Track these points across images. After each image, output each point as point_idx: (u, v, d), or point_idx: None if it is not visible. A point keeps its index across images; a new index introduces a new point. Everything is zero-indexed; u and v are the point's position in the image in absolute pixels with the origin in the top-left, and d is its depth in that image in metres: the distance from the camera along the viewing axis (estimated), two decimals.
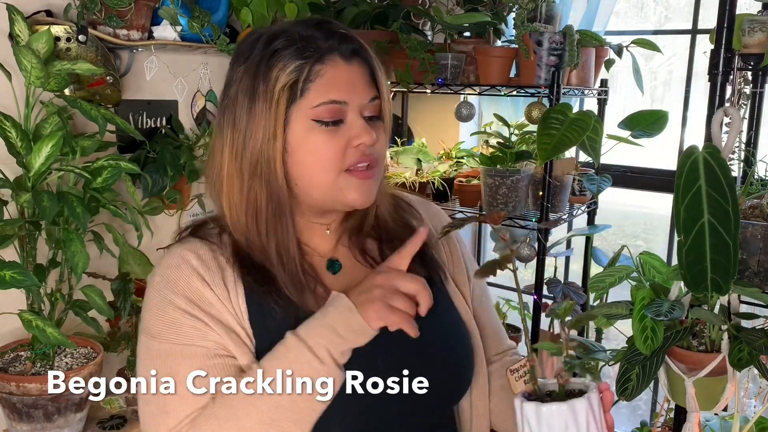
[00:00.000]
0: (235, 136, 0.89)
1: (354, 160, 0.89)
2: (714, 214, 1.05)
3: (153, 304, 0.90)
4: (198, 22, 1.82)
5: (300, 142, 0.89)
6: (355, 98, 0.89)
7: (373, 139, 0.89)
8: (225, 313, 0.89)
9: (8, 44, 1.53)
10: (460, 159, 2.39)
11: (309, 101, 0.88)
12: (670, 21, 2.79)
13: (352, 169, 0.90)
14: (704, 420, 1.40)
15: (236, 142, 0.89)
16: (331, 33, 0.90)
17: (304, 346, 0.84)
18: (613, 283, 1.38)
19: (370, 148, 0.90)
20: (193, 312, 0.88)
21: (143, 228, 1.62)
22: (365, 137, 0.89)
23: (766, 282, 1.40)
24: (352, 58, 0.90)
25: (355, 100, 0.89)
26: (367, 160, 0.90)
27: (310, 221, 0.97)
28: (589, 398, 0.78)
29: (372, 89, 0.91)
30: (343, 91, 0.88)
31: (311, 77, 0.87)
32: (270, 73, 0.87)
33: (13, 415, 1.47)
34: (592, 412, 0.77)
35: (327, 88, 0.88)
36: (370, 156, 0.91)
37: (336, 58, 0.88)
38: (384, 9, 2.12)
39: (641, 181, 2.42)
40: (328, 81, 0.88)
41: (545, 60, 1.90)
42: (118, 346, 1.69)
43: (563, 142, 1.40)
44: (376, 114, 0.92)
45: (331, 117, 0.88)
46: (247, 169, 0.89)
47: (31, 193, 1.40)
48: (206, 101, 2.09)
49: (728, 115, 1.24)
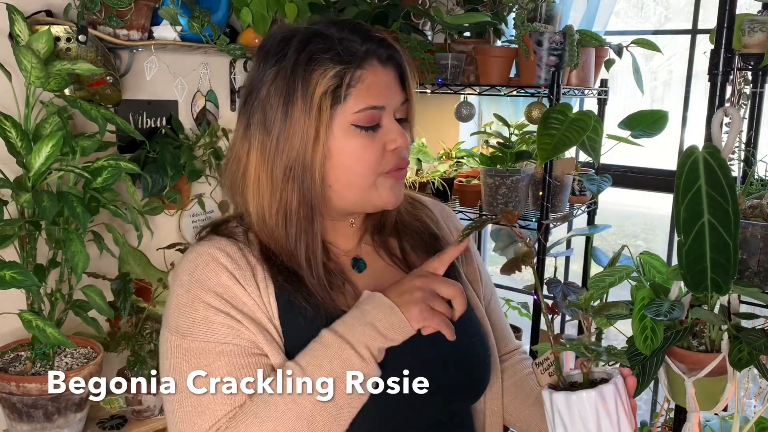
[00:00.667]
0: (267, 139, 0.89)
1: (392, 164, 0.91)
2: (714, 214, 1.05)
3: (182, 303, 0.88)
4: (198, 22, 1.82)
5: (340, 146, 0.89)
6: (391, 103, 0.91)
7: (407, 142, 0.92)
8: (257, 311, 0.88)
9: (8, 44, 1.54)
10: (460, 159, 2.38)
11: (350, 107, 0.88)
12: (670, 21, 2.79)
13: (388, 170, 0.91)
14: (704, 420, 1.40)
15: (268, 145, 0.89)
16: (369, 37, 0.90)
17: (344, 342, 0.84)
18: (613, 283, 1.38)
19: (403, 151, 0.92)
20: (226, 309, 0.87)
21: (143, 228, 1.62)
22: (401, 141, 0.90)
23: (766, 282, 1.40)
24: (388, 62, 0.91)
25: (390, 105, 0.91)
26: (404, 163, 0.93)
27: (334, 221, 0.98)
28: (616, 383, 0.80)
29: (403, 92, 0.93)
30: (382, 96, 0.89)
31: (352, 83, 0.87)
32: (309, 77, 0.86)
33: (13, 415, 1.47)
34: (619, 396, 0.80)
35: (367, 94, 0.88)
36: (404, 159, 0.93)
37: (374, 63, 0.89)
38: (384, 9, 2.12)
39: (641, 181, 2.42)
40: (368, 87, 0.88)
41: (545, 60, 1.90)
42: (118, 346, 1.69)
43: (563, 142, 1.40)
44: (404, 117, 0.94)
45: (370, 122, 0.89)
46: (281, 172, 0.89)
47: (31, 193, 1.40)
48: (206, 101, 2.09)
49: (728, 115, 1.24)
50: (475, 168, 2.26)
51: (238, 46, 1.92)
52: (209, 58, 2.06)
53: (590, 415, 0.78)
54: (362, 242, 1.01)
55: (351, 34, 0.89)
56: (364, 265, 0.99)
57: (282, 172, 0.89)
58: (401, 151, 0.91)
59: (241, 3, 1.97)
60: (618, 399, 0.79)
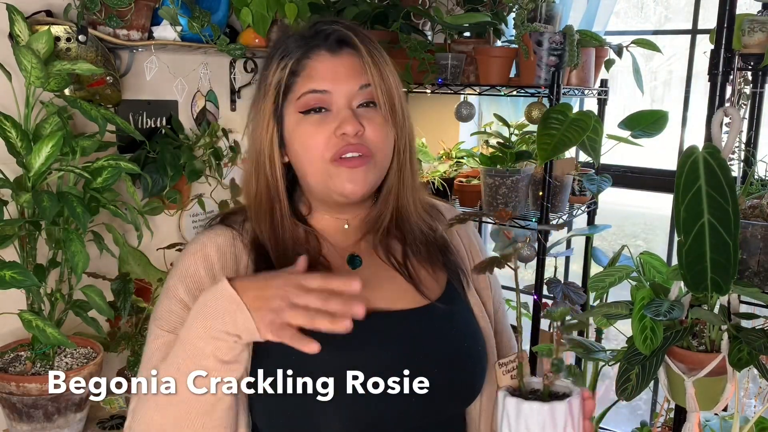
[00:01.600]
0: (249, 130, 0.97)
1: (337, 149, 0.91)
2: (714, 214, 1.05)
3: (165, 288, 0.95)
4: (198, 22, 1.82)
5: (291, 134, 0.94)
6: (340, 87, 0.91)
7: (356, 127, 0.90)
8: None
9: (8, 44, 1.53)
10: (460, 159, 2.38)
11: (294, 94, 0.93)
12: (670, 21, 2.79)
13: (342, 158, 0.91)
14: (704, 420, 1.40)
15: (250, 136, 0.97)
16: (320, 30, 0.94)
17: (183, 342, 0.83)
18: (613, 282, 1.38)
19: (357, 137, 0.91)
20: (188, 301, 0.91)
21: (143, 228, 1.62)
22: (347, 126, 0.90)
23: (766, 282, 1.40)
24: (340, 50, 0.93)
25: (340, 90, 0.91)
26: (353, 149, 0.91)
27: (330, 216, 1.00)
28: (570, 402, 0.79)
29: (362, 77, 0.92)
30: (325, 81, 0.91)
31: (297, 71, 0.93)
32: (267, 73, 0.94)
33: (13, 415, 1.47)
34: (571, 417, 0.79)
35: (308, 80, 0.92)
36: (359, 146, 0.91)
37: (321, 52, 0.92)
38: (384, 9, 2.12)
39: (641, 181, 2.42)
40: (310, 73, 0.92)
41: (545, 60, 1.90)
42: (118, 346, 1.69)
43: (563, 142, 1.40)
44: (369, 100, 0.93)
45: (312, 106, 0.92)
46: (252, 161, 0.96)
47: (31, 193, 1.40)
48: (206, 101, 2.10)
49: (728, 115, 1.24)
50: (475, 168, 2.26)
51: (238, 46, 1.92)
52: (209, 58, 2.06)
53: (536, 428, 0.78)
54: (362, 241, 1.01)
55: (308, 29, 0.95)
56: (359, 262, 0.99)
57: (253, 161, 0.96)
58: (350, 138, 0.90)
59: (241, 3, 1.97)
60: (569, 419, 0.78)
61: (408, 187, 0.99)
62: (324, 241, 0.99)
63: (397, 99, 0.94)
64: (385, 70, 0.93)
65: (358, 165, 0.91)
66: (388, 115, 0.93)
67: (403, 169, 0.98)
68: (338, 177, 0.91)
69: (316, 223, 1.00)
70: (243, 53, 1.94)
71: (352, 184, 0.92)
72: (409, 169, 0.99)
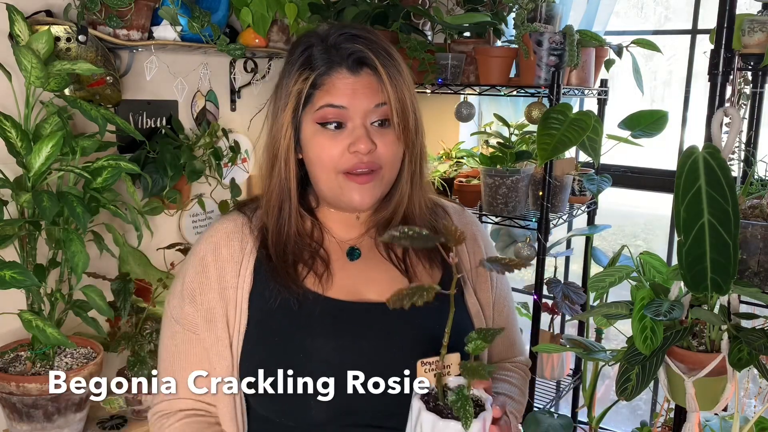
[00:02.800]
0: (268, 128, 1.02)
1: (349, 165, 0.96)
2: (714, 214, 1.05)
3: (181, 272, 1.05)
4: (198, 22, 1.82)
5: (307, 141, 0.99)
6: (356, 104, 0.96)
7: (368, 147, 0.95)
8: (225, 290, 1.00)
9: (8, 44, 1.53)
10: (460, 159, 2.38)
11: (313, 105, 0.98)
12: (670, 21, 2.79)
13: (351, 173, 0.97)
14: (704, 420, 1.39)
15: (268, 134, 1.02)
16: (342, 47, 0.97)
17: None
18: (613, 282, 1.38)
19: (369, 155, 0.96)
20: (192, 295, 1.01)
21: (143, 228, 1.62)
22: (360, 145, 0.95)
23: (766, 282, 1.40)
24: (360, 69, 0.97)
25: (356, 106, 0.96)
26: (364, 166, 0.96)
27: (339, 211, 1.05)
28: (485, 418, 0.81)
29: (379, 96, 0.96)
30: (343, 97, 0.96)
31: (317, 85, 0.97)
32: (290, 80, 0.99)
33: (13, 415, 1.47)
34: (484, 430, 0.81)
35: (327, 94, 0.96)
36: (370, 162, 0.96)
37: (341, 70, 0.97)
38: (384, 9, 2.12)
39: (641, 181, 2.42)
40: (329, 88, 0.96)
41: (545, 60, 1.90)
42: (118, 346, 1.69)
43: (563, 142, 1.40)
44: (384, 118, 0.97)
45: (329, 119, 0.96)
46: (270, 158, 1.02)
47: (31, 193, 1.40)
48: (206, 101, 2.10)
49: (728, 115, 1.24)
50: (475, 168, 2.26)
51: (238, 46, 1.92)
52: (209, 58, 2.06)
53: None
54: (366, 235, 1.06)
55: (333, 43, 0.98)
56: (358, 255, 1.04)
57: (270, 158, 1.02)
58: (362, 156, 0.95)
59: (241, 3, 1.97)
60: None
61: (417, 191, 1.04)
62: (327, 233, 1.05)
63: (411, 117, 0.99)
64: (402, 88, 0.98)
65: (367, 181, 0.97)
66: (400, 134, 0.98)
67: (414, 176, 1.03)
68: (348, 189, 0.98)
69: (323, 215, 1.06)
70: (243, 53, 1.94)
71: (361, 197, 0.98)
72: (419, 176, 1.04)
